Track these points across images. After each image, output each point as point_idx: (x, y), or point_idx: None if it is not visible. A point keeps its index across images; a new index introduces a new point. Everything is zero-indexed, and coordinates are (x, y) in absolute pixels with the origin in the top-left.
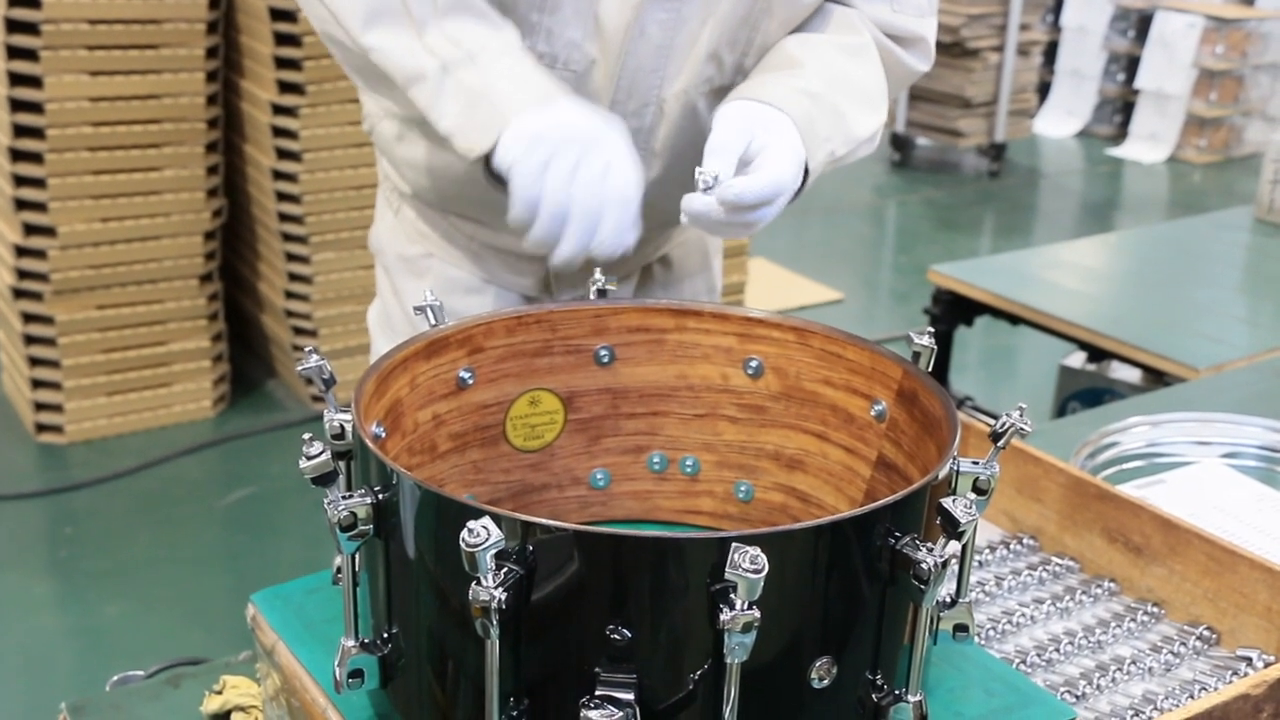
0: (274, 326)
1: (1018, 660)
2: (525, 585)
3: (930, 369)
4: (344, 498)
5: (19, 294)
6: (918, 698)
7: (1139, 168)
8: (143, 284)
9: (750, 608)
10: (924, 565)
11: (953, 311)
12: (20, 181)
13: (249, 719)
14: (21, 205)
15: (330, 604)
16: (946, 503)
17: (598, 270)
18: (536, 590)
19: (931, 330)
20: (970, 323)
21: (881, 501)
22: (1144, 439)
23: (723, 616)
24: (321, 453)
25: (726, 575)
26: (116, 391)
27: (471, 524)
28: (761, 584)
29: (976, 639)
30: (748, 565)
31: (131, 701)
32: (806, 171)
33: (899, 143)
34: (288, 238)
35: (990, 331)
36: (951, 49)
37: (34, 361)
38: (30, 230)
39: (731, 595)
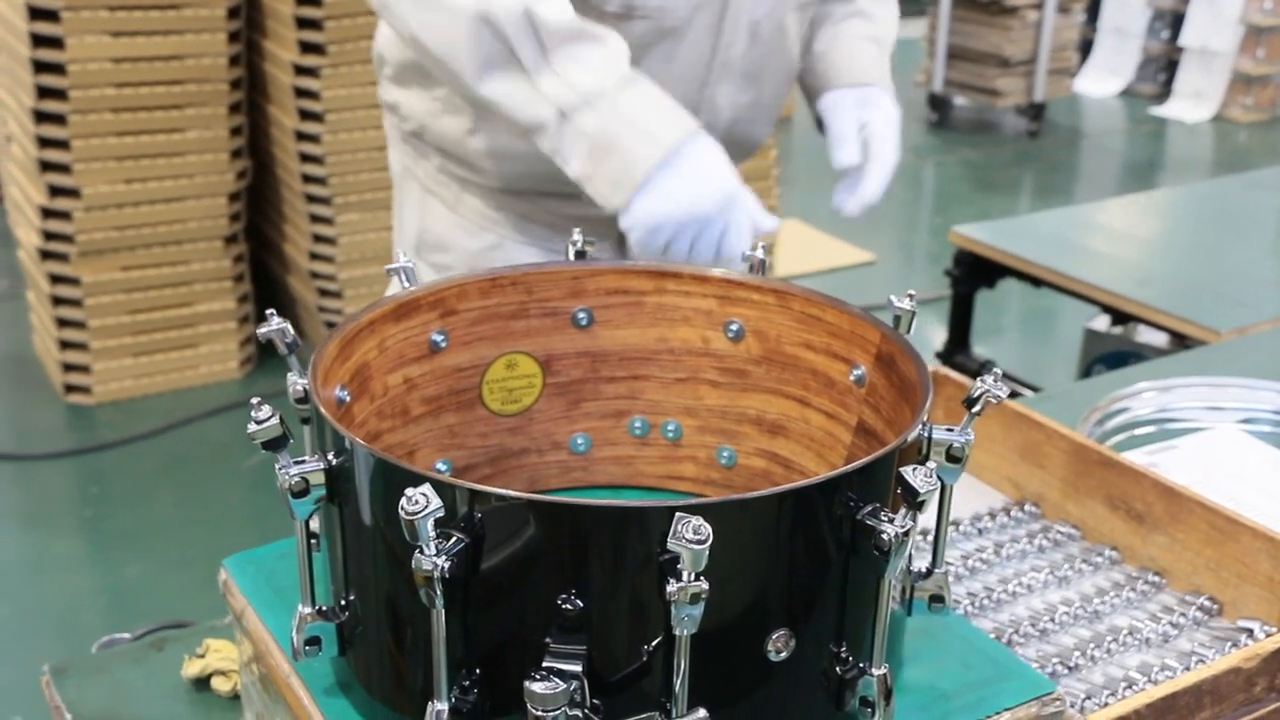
0: (299, 288)
1: (1011, 630)
2: (472, 554)
3: (910, 332)
4: (295, 463)
5: (45, 255)
6: (882, 671)
7: (1183, 127)
8: (168, 245)
9: (697, 579)
10: (884, 535)
11: (974, 273)
12: (44, 143)
13: (229, 683)
14: (46, 167)
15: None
16: (906, 472)
17: (576, 231)
18: (485, 559)
19: (913, 294)
20: (992, 285)
21: (838, 470)
22: (1154, 405)
23: (669, 588)
24: (269, 417)
25: (669, 546)
26: (143, 353)
27: (410, 491)
28: (706, 555)
29: (968, 608)
30: (691, 536)
31: (115, 664)
32: None
33: (936, 102)
34: (311, 199)
35: (1026, 294)
36: (990, 7)
37: (61, 323)
38: (55, 192)
39: (678, 566)
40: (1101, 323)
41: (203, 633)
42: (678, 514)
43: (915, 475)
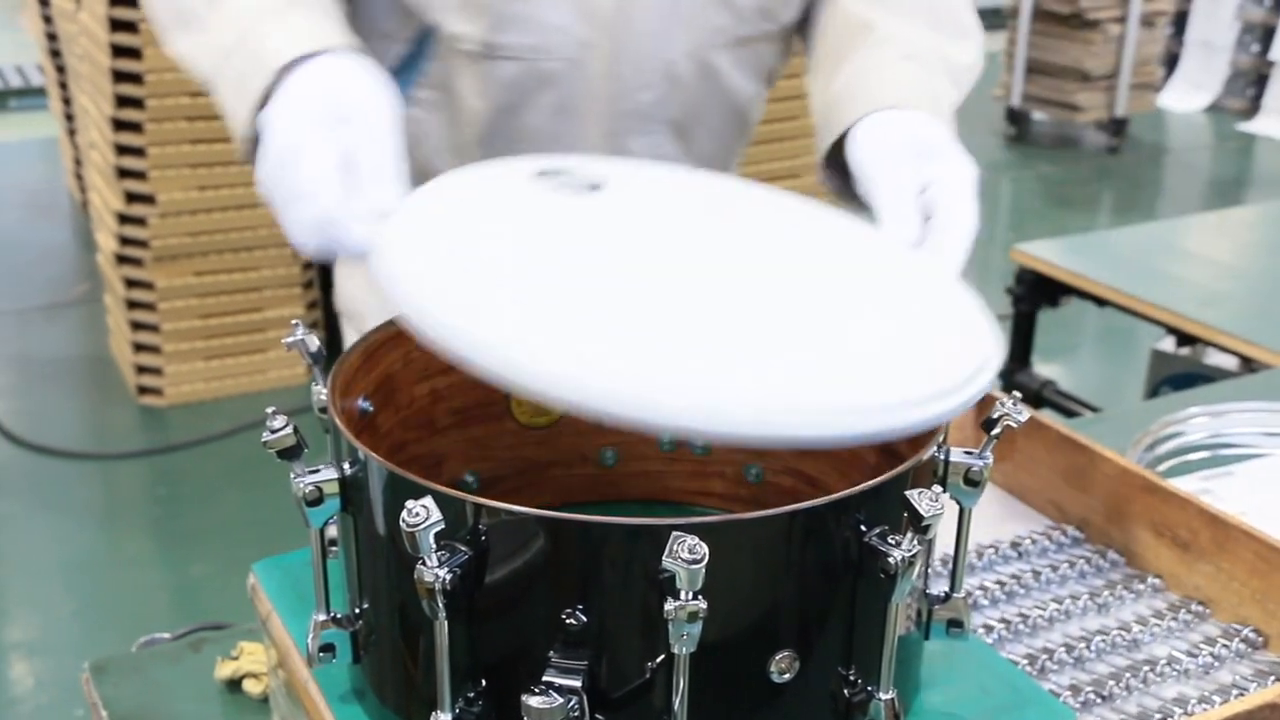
0: None
1: (1045, 656)
2: (476, 567)
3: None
4: (309, 472)
5: (121, 260)
6: (889, 695)
7: (1272, 144)
8: (239, 251)
9: (695, 597)
10: (890, 559)
11: (1036, 292)
12: (122, 150)
13: (259, 686)
14: (123, 174)
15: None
16: (911, 495)
17: None
18: (489, 572)
19: None
20: (1055, 303)
21: (844, 492)
22: (1207, 430)
23: (667, 606)
24: (284, 427)
25: (664, 564)
26: (214, 356)
27: (410, 504)
28: (702, 573)
29: (1002, 633)
30: (686, 555)
31: (152, 663)
32: None
33: (1014, 116)
34: None
35: (1102, 312)
36: (1070, 20)
37: (136, 325)
38: (131, 198)
39: (675, 584)
40: (1170, 344)
41: (239, 635)
42: (674, 533)
43: (920, 499)
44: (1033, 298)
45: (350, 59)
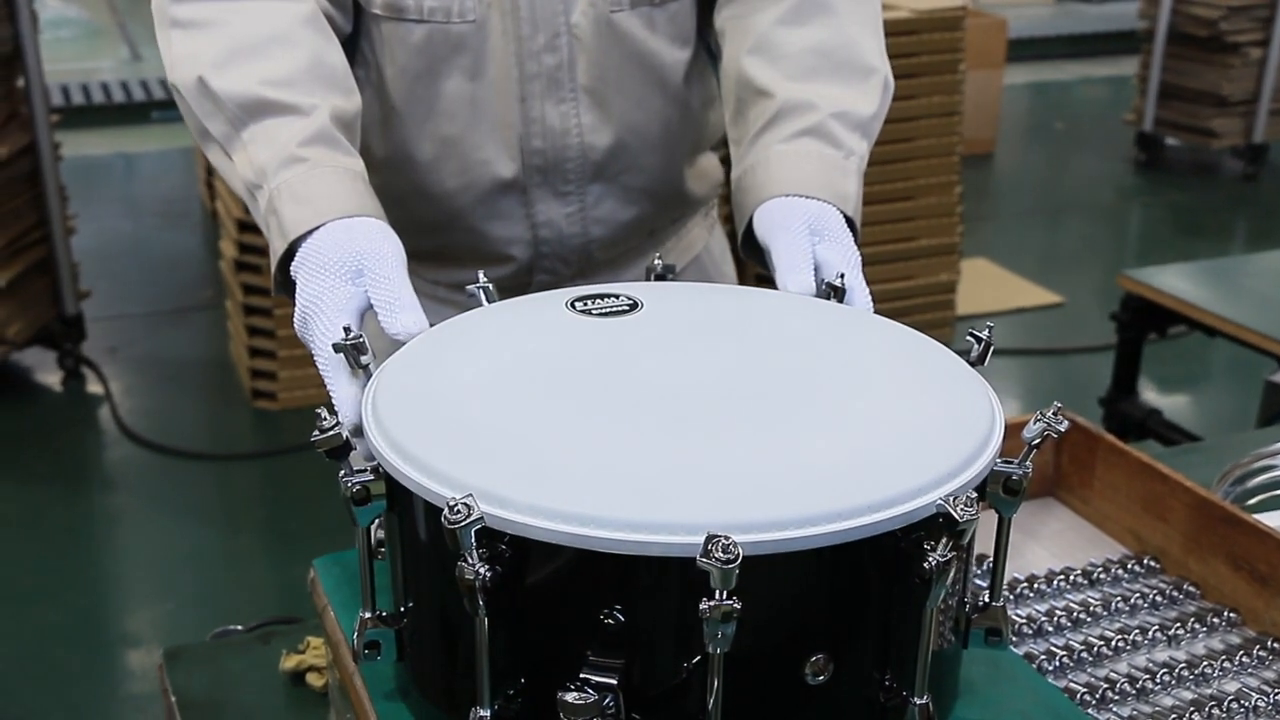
0: None
1: (1105, 687)
2: (517, 565)
3: (985, 363)
4: (356, 471)
5: (240, 266)
6: (923, 700)
7: None
8: None
9: (729, 597)
10: (925, 565)
11: (1142, 319)
12: None
13: (321, 680)
14: None
15: (384, 574)
16: (946, 502)
17: (657, 257)
18: (530, 571)
19: (991, 325)
20: (1163, 332)
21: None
22: None
23: (701, 605)
24: (334, 426)
25: (699, 564)
26: None
27: (452, 501)
28: (736, 573)
29: (1064, 660)
30: (721, 555)
31: (223, 654)
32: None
33: (1146, 142)
34: None
35: (1222, 344)
36: (1209, 44)
37: (252, 330)
38: None
39: (710, 584)
40: None
41: (308, 629)
42: (709, 533)
43: (955, 505)
44: (1139, 325)
45: (352, 222)
